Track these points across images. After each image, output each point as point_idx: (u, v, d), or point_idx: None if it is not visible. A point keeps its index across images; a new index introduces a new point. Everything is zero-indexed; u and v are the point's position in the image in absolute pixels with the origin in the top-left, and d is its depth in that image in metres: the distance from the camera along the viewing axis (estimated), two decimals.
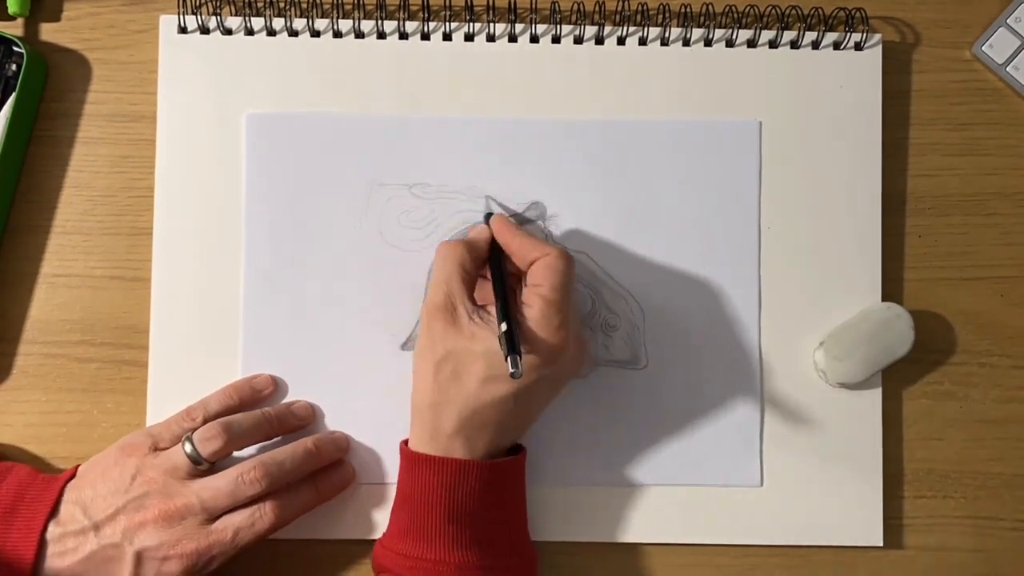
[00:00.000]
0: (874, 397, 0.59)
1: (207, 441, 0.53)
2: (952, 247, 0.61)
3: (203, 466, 0.53)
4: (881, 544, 0.59)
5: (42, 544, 0.52)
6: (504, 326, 0.50)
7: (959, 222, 0.61)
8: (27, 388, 0.59)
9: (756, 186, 0.60)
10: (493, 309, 0.52)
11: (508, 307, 0.51)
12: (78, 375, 0.59)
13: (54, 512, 0.52)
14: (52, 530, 0.52)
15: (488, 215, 0.58)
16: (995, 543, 0.60)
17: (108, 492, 0.52)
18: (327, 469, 0.57)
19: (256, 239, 0.59)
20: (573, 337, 0.53)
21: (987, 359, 0.61)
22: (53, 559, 0.52)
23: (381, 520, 0.58)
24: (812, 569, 0.59)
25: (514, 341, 0.49)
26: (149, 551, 0.52)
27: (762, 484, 0.59)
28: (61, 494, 0.53)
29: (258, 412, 0.56)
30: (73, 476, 0.55)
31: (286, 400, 0.58)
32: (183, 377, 0.58)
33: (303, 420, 0.57)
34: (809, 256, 0.60)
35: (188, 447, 0.53)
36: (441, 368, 0.52)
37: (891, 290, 0.61)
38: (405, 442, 0.55)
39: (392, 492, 0.56)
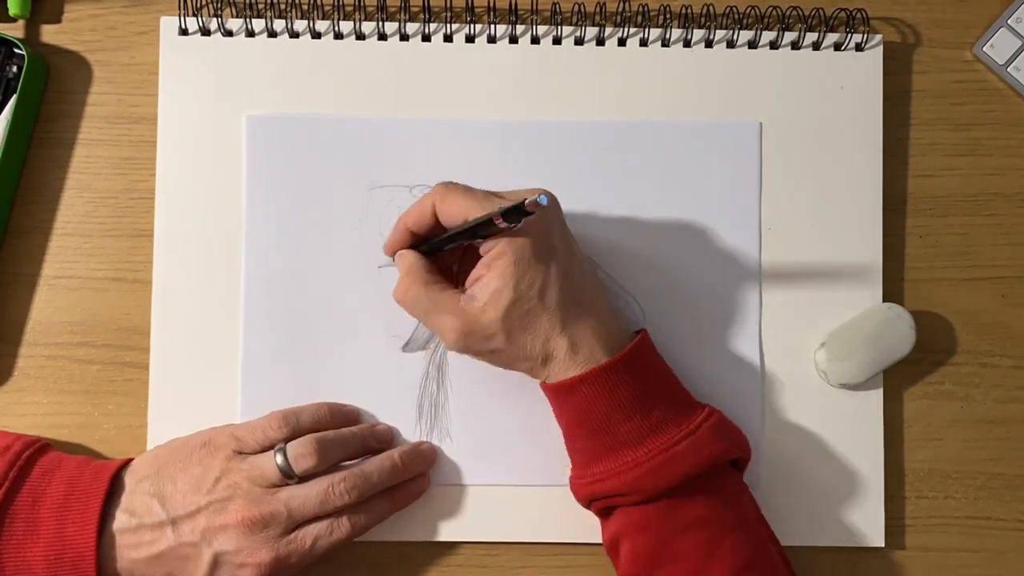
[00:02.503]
0: (875, 397, 0.60)
1: (302, 457, 0.53)
2: (953, 247, 0.61)
3: (292, 480, 0.53)
4: (883, 544, 0.59)
5: (102, 534, 0.51)
6: (497, 218, 0.48)
7: (960, 222, 0.61)
8: (28, 390, 0.59)
9: (757, 187, 0.60)
10: (471, 279, 0.52)
11: (473, 223, 0.50)
12: (79, 377, 0.59)
13: (111, 501, 0.52)
14: (127, 520, 0.52)
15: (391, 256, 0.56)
16: (996, 543, 0.60)
17: (189, 489, 0.52)
18: (406, 483, 0.57)
19: (257, 241, 0.59)
20: (523, 192, 0.52)
21: (988, 359, 0.61)
22: (127, 550, 0.51)
23: (395, 520, 0.57)
24: (813, 570, 0.59)
25: (509, 205, 0.48)
26: (227, 555, 0.51)
27: (763, 485, 0.59)
28: (112, 483, 0.52)
29: (347, 433, 0.56)
30: (125, 465, 0.54)
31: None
32: (184, 379, 0.58)
33: (383, 444, 0.57)
34: (810, 257, 0.60)
35: (280, 459, 0.53)
36: (514, 338, 0.51)
37: (892, 290, 0.61)
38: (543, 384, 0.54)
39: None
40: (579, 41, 0.60)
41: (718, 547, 0.51)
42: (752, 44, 0.60)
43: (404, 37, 0.60)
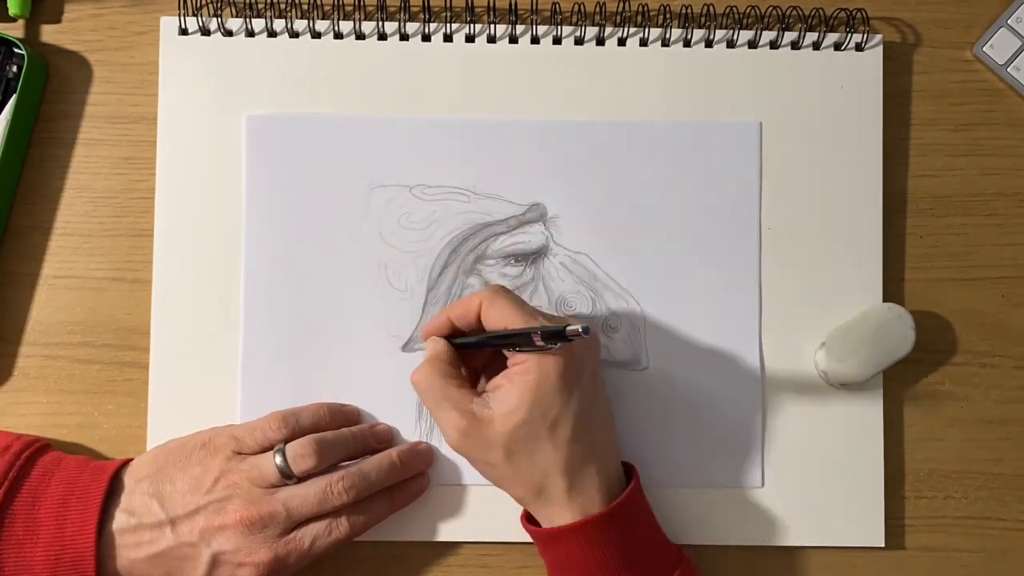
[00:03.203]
0: (875, 398, 0.59)
1: (301, 458, 0.53)
2: (953, 247, 0.61)
3: (292, 481, 0.53)
4: (883, 545, 0.59)
5: (102, 534, 0.51)
6: (537, 333, 0.48)
7: (960, 222, 0.61)
8: (28, 390, 0.59)
9: (757, 187, 0.60)
10: (493, 386, 0.52)
11: (513, 332, 0.50)
12: (79, 377, 0.59)
13: (111, 501, 0.52)
14: (126, 520, 0.52)
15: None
16: (996, 544, 0.60)
17: (188, 489, 0.52)
18: (405, 482, 0.57)
19: (257, 241, 0.59)
20: (566, 321, 0.52)
21: (988, 359, 0.61)
22: (126, 550, 0.51)
23: (395, 520, 0.57)
24: (814, 570, 0.59)
25: (552, 327, 0.48)
26: (226, 555, 0.51)
27: (763, 485, 0.59)
28: (112, 483, 0.52)
29: (346, 433, 0.55)
30: (125, 465, 0.54)
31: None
32: (184, 379, 0.58)
33: (383, 444, 0.57)
34: (810, 257, 0.60)
35: (279, 459, 0.52)
36: (513, 460, 0.51)
37: (892, 290, 0.61)
38: (525, 517, 0.54)
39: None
40: (579, 41, 0.60)
41: None
42: (752, 44, 0.60)
43: (404, 37, 0.60)
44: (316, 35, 0.59)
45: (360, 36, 0.60)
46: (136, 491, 0.52)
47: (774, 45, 0.60)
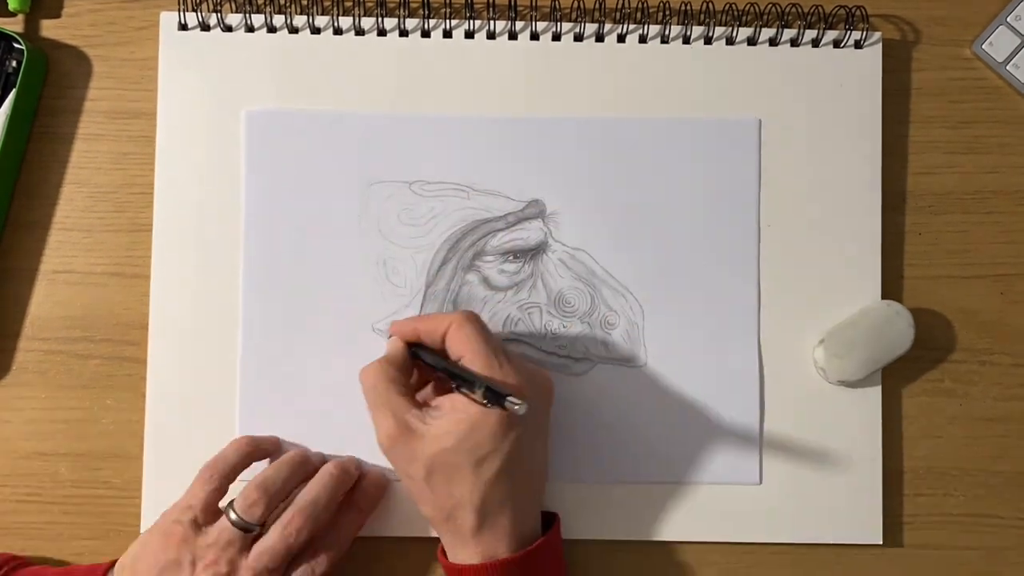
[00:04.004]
0: (874, 395, 0.59)
1: (250, 508, 0.53)
2: (952, 245, 0.61)
3: (254, 531, 0.53)
4: (881, 542, 0.59)
5: None
6: (479, 389, 0.49)
7: (959, 220, 0.61)
8: (27, 385, 0.59)
9: (756, 184, 0.60)
10: (436, 403, 0.52)
11: (463, 373, 0.51)
12: (78, 372, 0.59)
13: None
14: None
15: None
16: (995, 541, 0.60)
17: None
18: (360, 485, 0.57)
19: (255, 236, 0.59)
20: (524, 372, 0.52)
21: (987, 357, 0.61)
22: None
23: (394, 516, 0.58)
24: (811, 567, 0.59)
25: (497, 388, 0.49)
26: None
27: (761, 482, 0.59)
28: None
29: (287, 460, 0.55)
30: (110, 568, 0.54)
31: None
32: (182, 374, 0.58)
33: (319, 458, 0.57)
34: (809, 254, 0.60)
35: (233, 516, 0.52)
36: (432, 481, 0.51)
37: (891, 288, 0.61)
38: (443, 556, 0.54)
39: (398, 488, 0.58)
40: (578, 37, 0.60)
41: None
42: (751, 41, 0.60)
43: (403, 33, 0.60)
44: (315, 31, 0.59)
45: (359, 32, 0.60)
46: None
47: (773, 42, 0.60)
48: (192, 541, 0.52)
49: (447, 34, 0.60)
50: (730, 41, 0.60)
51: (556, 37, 0.60)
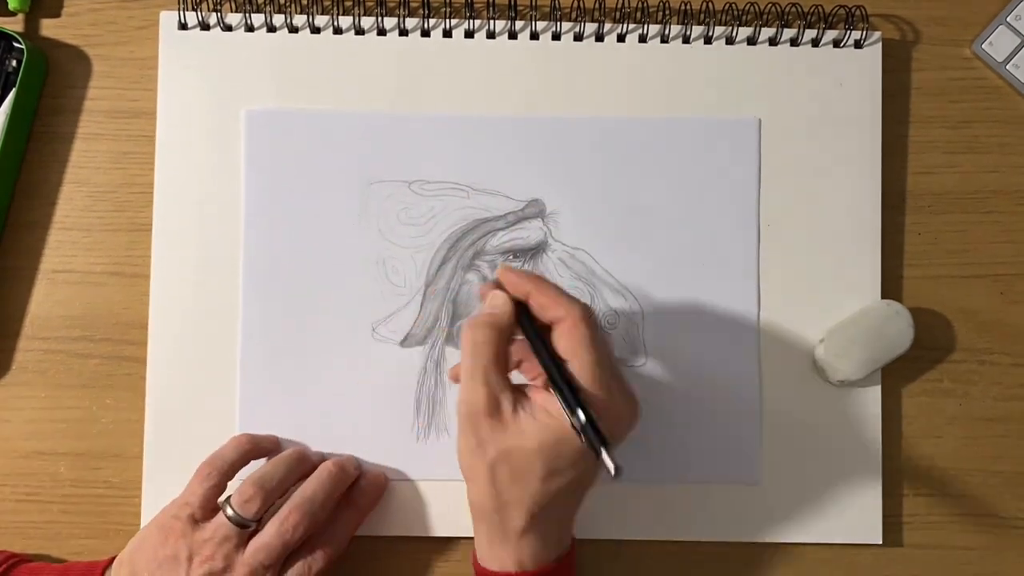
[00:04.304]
0: (874, 395, 0.59)
1: (246, 504, 0.53)
2: (952, 244, 0.61)
3: (251, 527, 0.53)
4: (880, 542, 0.59)
5: None
6: (581, 416, 0.46)
7: (959, 219, 0.61)
8: (27, 384, 0.59)
9: (755, 183, 0.60)
10: (532, 395, 0.49)
11: (569, 390, 0.47)
12: (78, 371, 0.59)
13: None
14: None
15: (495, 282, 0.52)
16: (995, 541, 0.60)
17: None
18: (359, 483, 0.57)
19: (255, 235, 0.59)
20: (620, 400, 0.49)
21: (987, 357, 0.61)
22: None
23: (393, 515, 0.58)
24: (811, 567, 0.59)
25: (600, 432, 0.45)
26: None
27: (761, 482, 0.59)
28: None
29: (284, 458, 0.55)
30: (109, 565, 0.54)
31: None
32: (182, 373, 0.58)
33: (317, 456, 0.57)
34: (809, 253, 0.60)
35: (230, 511, 0.52)
36: (497, 471, 0.48)
37: (891, 287, 0.61)
38: (476, 561, 0.53)
39: (397, 487, 0.58)
40: (578, 37, 0.60)
41: None
42: (751, 41, 0.60)
43: (403, 32, 0.60)
44: (315, 30, 0.59)
45: (359, 31, 0.60)
46: None
47: (773, 42, 0.60)
48: (189, 536, 0.52)
49: (447, 33, 0.60)
50: (730, 41, 0.60)
51: (556, 37, 0.60)
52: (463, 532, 0.58)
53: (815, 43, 0.60)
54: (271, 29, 0.59)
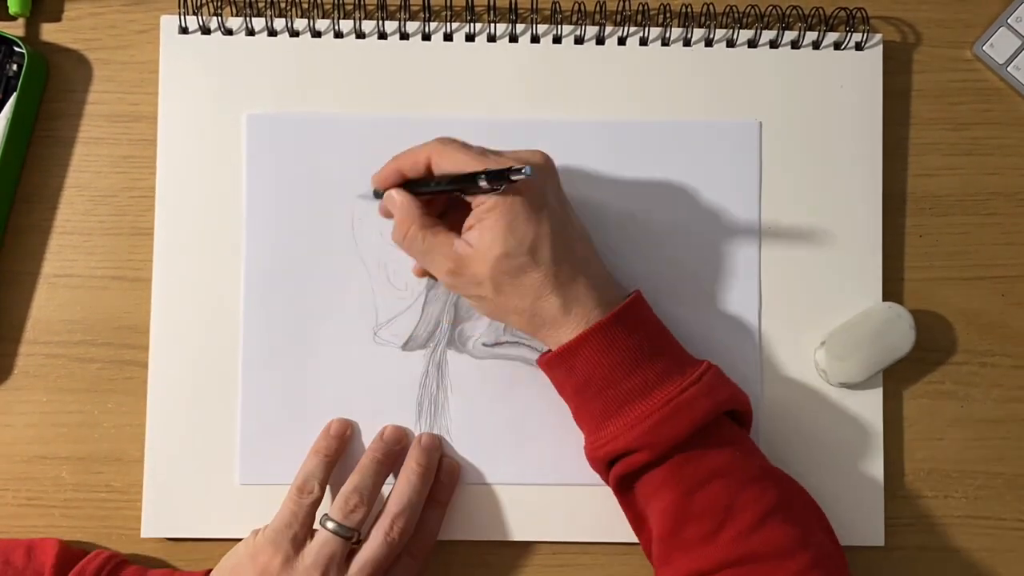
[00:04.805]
0: (875, 397, 0.59)
1: (352, 513, 0.53)
2: (953, 247, 0.61)
3: (354, 539, 0.53)
4: (882, 544, 0.59)
5: None
6: (482, 180, 0.49)
7: (960, 222, 0.61)
8: (28, 388, 0.59)
9: (757, 186, 0.60)
10: (466, 226, 0.52)
11: (462, 176, 0.51)
12: (79, 375, 0.59)
13: None
14: None
15: (376, 194, 0.56)
16: (997, 543, 0.60)
17: None
18: (436, 478, 0.57)
19: (256, 239, 0.59)
20: (515, 154, 0.52)
21: (988, 359, 0.61)
22: None
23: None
24: None
25: (495, 168, 0.49)
26: None
27: None
28: None
29: (371, 462, 0.55)
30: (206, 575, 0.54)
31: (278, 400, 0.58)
32: (184, 377, 0.58)
33: (403, 443, 0.57)
34: (810, 256, 0.60)
35: (332, 525, 0.52)
36: (502, 291, 0.51)
37: (892, 290, 0.61)
38: (543, 357, 0.54)
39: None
40: (579, 40, 0.60)
41: (741, 494, 0.50)
42: (752, 43, 0.60)
43: (404, 36, 0.60)
44: (316, 34, 0.59)
45: (360, 35, 0.60)
46: None
47: (774, 44, 0.60)
48: (292, 564, 0.52)
49: (448, 37, 0.60)
50: (731, 43, 0.60)
51: (557, 40, 0.60)
52: (465, 535, 0.58)
53: (816, 46, 0.60)
54: (272, 33, 0.59)
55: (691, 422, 0.50)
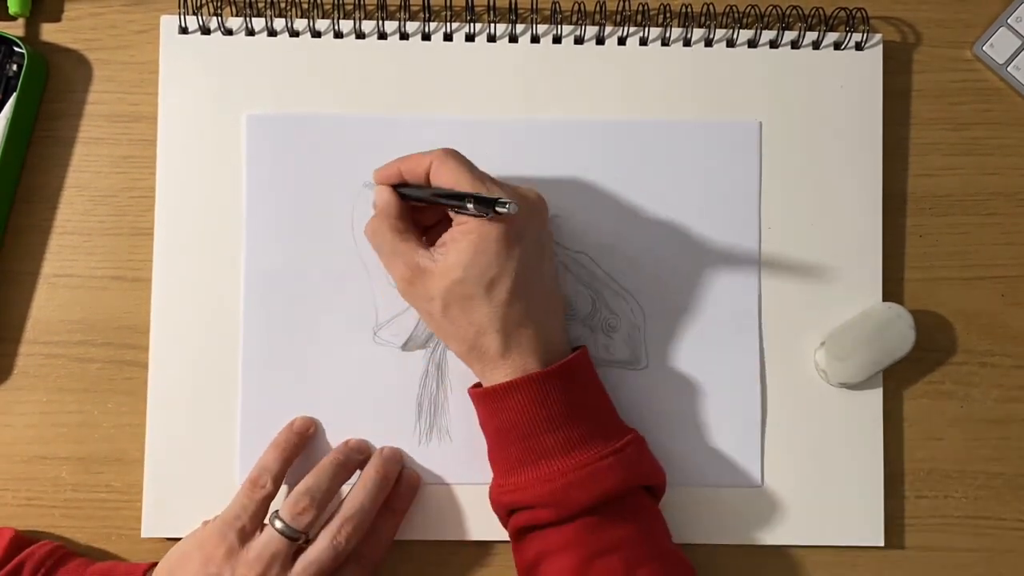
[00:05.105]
0: (875, 397, 0.59)
1: (300, 515, 0.53)
2: (953, 247, 0.61)
3: (300, 540, 0.53)
4: (882, 544, 0.59)
5: None
6: (469, 202, 0.50)
7: (960, 222, 0.61)
8: (28, 388, 0.59)
9: (757, 186, 0.60)
10: (440, 241, 0.53)
11: (452, 193, 0.51)
12: (79, 375, 0.59)
13: None
14: None
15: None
16: (996, 543, 0.60)
17: None
18: (395, 486, 0.57)
19: (256, 239, 0.59)
20: (512, 189, 0.53)
21: (988, 359, 0.61)
22: None
23: (408, 518, 0.58)
24: (813, 569, 0.59)
25: (485, 195, 0.50)
26: None
27: (762, 484, 0.59)
28: None
29: (328, 465, 0.55)
30: (149, 569, 0.54)
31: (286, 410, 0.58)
32: (184, 377, 0.58)
33: (365, 454, 0.57)
34: (810, 256, 0.60)
35: (280, 525, 0.52)
36: (449, 313, 0.52)
37: (892, 290, 0.61)
38: (475, 388, 0.54)
39: None
40: (579, 40, 0.60)
41: (637, 570, 0.50)
42: (752, 43, 0.60)
43: (404, 36, 0.60)
44: (316, 34, 0.59)
45: (360, 35, 0.60)
46: None
47: (774, 44, 0.60)
48: (235, 556, 0.52)
49: (447, 37, 0.60)
50: (731, 43, 0.60)
51: (557, 40, 0.60)
52: (465, 536, 0.58)
53: (816, 45, 0.60)
54: (272, 33, 0.59)
55: (602, 490, 0.50)
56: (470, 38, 0.60)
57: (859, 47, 0.61)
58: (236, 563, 0.51)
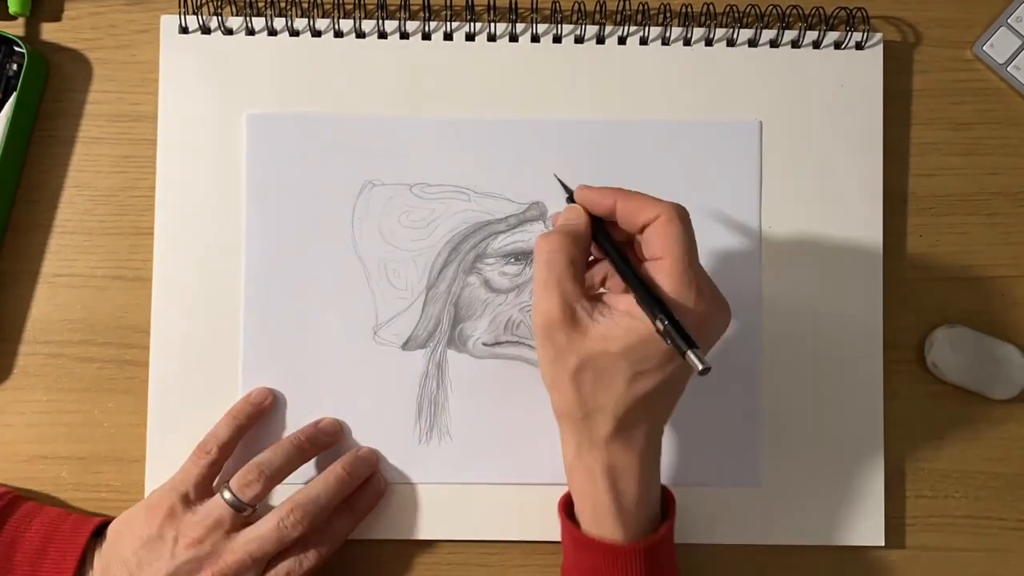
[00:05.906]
0: (876, 396, 0.59)
1: (247, 487, 0.53)
2: (953, 247, 0.61)
3: (247, 512, 0.53)
4: (883, 544, 0.59)
5: None
6: (663, 321, 0.45)
7: (960, 222, 0.61)
8: (28, 388, 0.59)
9: (757, 186, 0.60)
10: (611, 301, 0.48)
11: (651, 295, 0.46)
12: (79, 375, 0.59)
13: (86, 561, 0.52)
14: None
15: (569, 195, 0.52)
16: (997, 543, 0.60)
17: (153, 559, 0.51)
18: (360, 487, 0.57)
19: (257, 239, 0.59)
20: (709, 299, 0.47)
21: None
22: None
23: (395, 518, 0.58)
24: (813, 569, 0.59)
25: (685, 333, 0.45)
26: None
27: (762, 484, 0.59)
28: (91, 539, 0.53)
29: (287, 442, 0.55)
30: (105, 524, 0.54)
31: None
32: (184, 377, 0.58)
33: (333, 437, 0.57)
34: (810, 256, 0.60)
35: (228, 495, 0.52)
36: (580, 378, 0.47)
37: (892, 290, 0.60)
38: (565, 501, 0.53)
39: (399, 490, 0.58)
40: (579, 39, 0.60)
41: None
42: (752, 43, 0.60)
43: (404, 35, 0.60)
44: (316, 33, 0.59)
45: (360, 35, 0.60)
46: (107, 565, 0.52)
47: (774, 44, 0.60)
48: (178, 517, 0.52)
49: (448, 36, 0.60)
50: (731, 43, 0.60)
51: (557, 39, 0.60)
52: (465, 536, 0.58)
53: (816, 45, 0.60)
54: (272, 33, 0.59)
55: None
56: (470, 38, 0.60)
57: (859, 47, 0.61)
58: (180, 524, 0.52)
